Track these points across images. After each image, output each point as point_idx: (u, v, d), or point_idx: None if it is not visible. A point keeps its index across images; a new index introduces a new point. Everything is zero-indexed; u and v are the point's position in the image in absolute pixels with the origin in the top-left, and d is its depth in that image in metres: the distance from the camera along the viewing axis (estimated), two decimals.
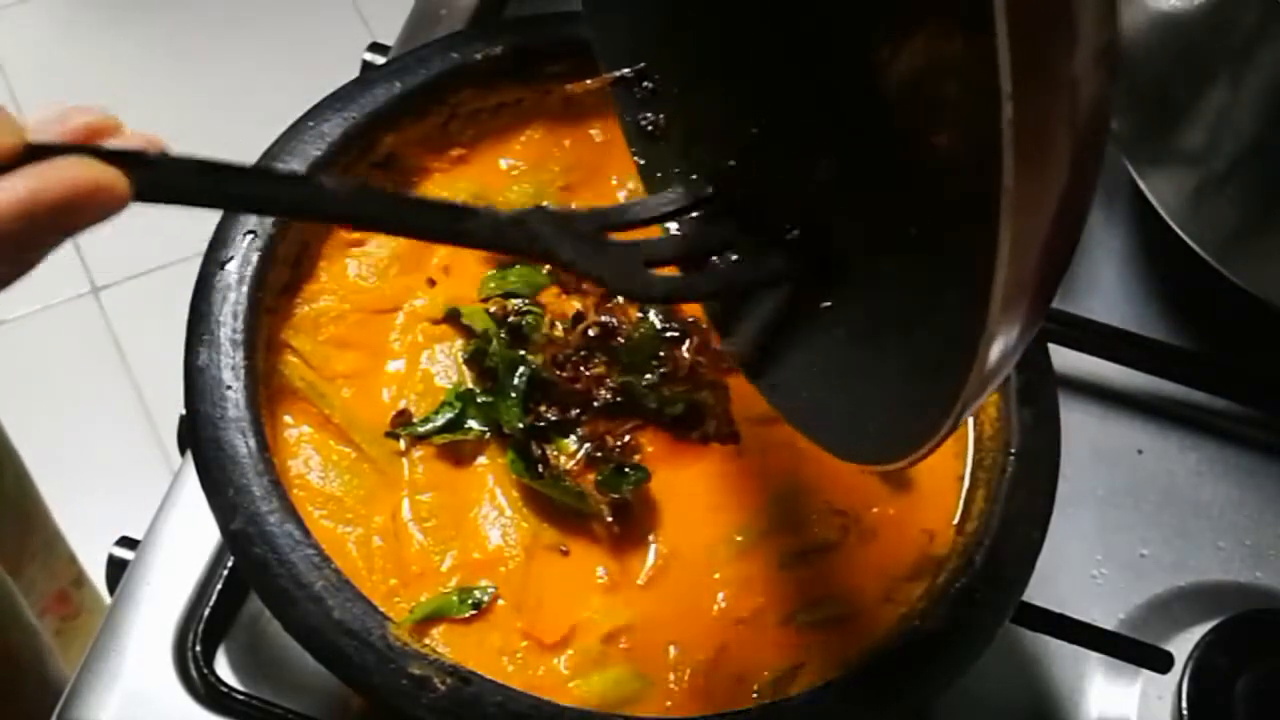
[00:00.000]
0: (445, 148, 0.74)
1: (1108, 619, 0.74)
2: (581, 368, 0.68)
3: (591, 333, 0.68)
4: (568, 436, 0.66)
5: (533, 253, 0.57)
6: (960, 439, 0.68)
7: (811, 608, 0.64)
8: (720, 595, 0.65)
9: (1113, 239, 0.88)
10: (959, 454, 0.68)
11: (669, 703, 0.62)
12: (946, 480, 0.67)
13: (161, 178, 0.47)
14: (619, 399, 0.67)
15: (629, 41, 0.66)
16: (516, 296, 0.70)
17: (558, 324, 0.69)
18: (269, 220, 0.67)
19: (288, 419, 0.66)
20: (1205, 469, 0.81)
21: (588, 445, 0.66)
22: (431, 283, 0.71)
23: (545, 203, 0.72)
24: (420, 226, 0.56)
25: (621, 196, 0.74)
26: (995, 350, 0.43)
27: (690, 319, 0.70)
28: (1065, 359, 0.79)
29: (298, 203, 0.53)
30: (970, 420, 0.68)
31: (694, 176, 0.64)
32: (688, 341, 0.69)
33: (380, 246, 0.71)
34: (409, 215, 0.56)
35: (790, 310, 0.61)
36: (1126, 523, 0.78)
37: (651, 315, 0.70)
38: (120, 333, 1.73)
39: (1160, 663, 0.69)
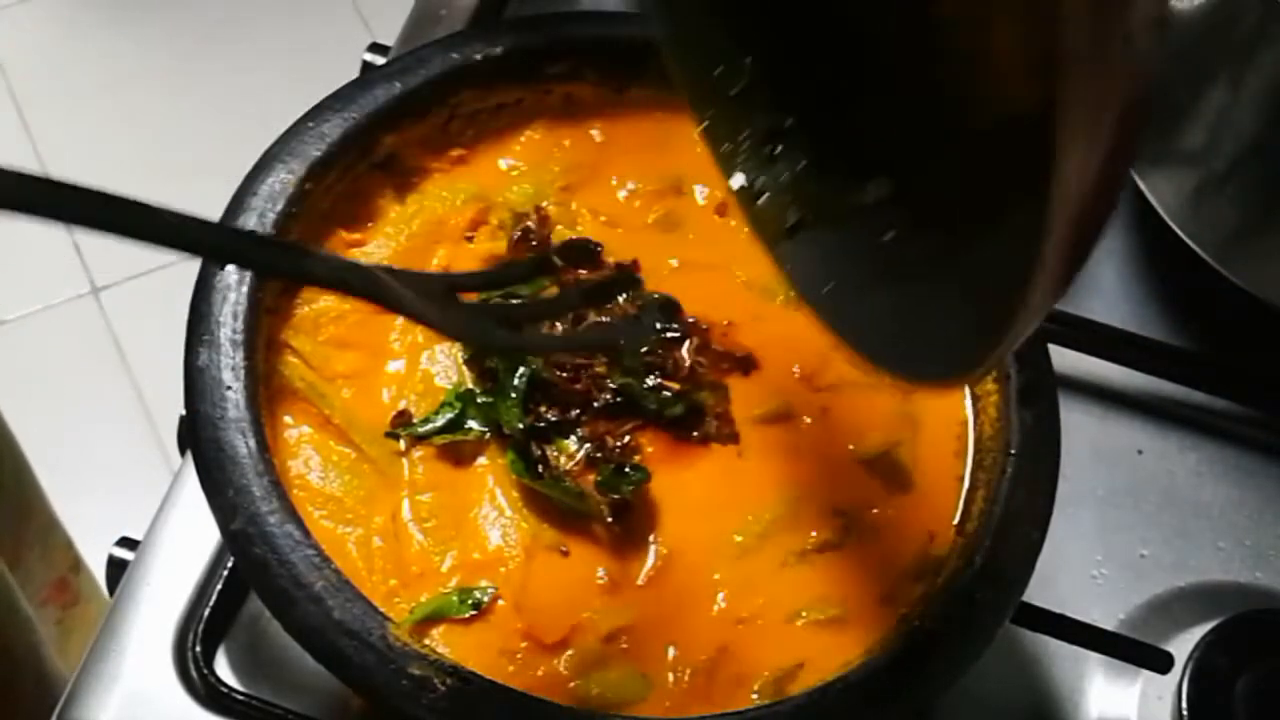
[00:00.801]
0: (445, 148, 0.74)
1: (1108, 619, 0.74)
2: (582, 368, 0.68)
3: None
4: (568, 437, 0.66)
5: (379, 300, 0.55)
6: (961, 439, 0.68)
7: (811, 607, 0.64)
8: (720, 595, 0.65)
9: (1113, 239, 0.88)
10: (959, 454, 0.68)
11: (669, 703, 0.62)
12: (946, 480, 0.67)
13: None
14: (619, 399, 0.67)
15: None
16: (517, 297, 0.70)
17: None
18: (270, 220, 0.67)
19: (288, 419, 0.66)
20: (1205, 469, 0.81)
21: (588, 446, 0.66)
22: None
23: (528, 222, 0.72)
24: (262, 261, 0.58)
25: (622, 196, 0.74)
26: (1053, 262, 0.43)
27: (690, 319, 0.70)
28: (1065, 359, 0.79)
29: (131, 225, 0.47)
30: (970, 420, 0.68)
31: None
32: (688, 342, 0.69)
33: (380, 247, 0.71)
34: (250, 250, 0.57)
35: (855, 243, 0.60)
36: (1126, 523, 0.78)
37: None
38: (120, 333, 1.73)
39: (1160, 663, 0.69)
